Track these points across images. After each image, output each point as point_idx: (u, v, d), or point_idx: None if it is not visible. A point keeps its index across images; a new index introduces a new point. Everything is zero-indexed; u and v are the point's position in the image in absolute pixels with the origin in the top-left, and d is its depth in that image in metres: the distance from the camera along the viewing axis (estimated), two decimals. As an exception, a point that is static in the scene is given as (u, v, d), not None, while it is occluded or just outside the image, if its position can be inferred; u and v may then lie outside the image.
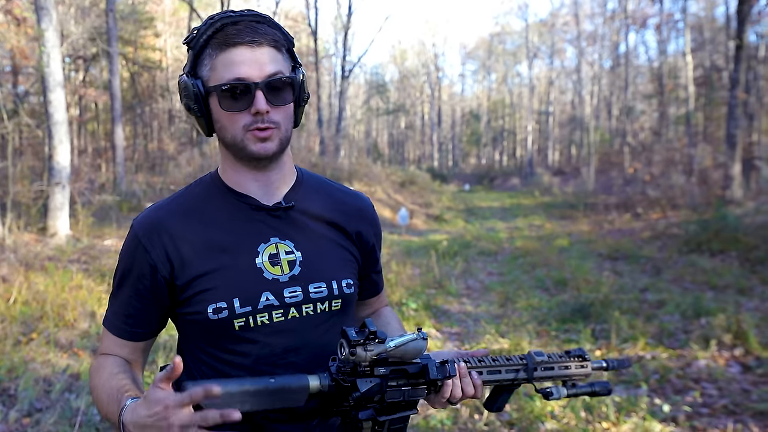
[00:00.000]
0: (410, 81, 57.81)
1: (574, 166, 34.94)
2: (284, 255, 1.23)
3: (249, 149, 1.18)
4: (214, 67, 1.16)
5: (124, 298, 1.25)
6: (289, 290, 1.21)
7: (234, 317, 1.18)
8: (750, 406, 3.81)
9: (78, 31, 17.04)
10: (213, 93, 1.16)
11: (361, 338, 1.10)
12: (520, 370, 1.29)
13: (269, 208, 1.25)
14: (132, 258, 1.23)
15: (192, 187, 1.30)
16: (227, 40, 1.13)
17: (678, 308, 6.05)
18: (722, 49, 23.83)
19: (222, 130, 1.20)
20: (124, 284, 1.25)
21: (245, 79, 1.13)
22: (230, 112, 1.16)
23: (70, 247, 8.40)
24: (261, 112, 1.14)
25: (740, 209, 10.94)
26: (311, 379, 1.10)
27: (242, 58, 1.13)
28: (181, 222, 1.23)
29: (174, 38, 32.65)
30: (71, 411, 3.73)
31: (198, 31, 1.16)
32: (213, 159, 18.13)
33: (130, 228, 1.25)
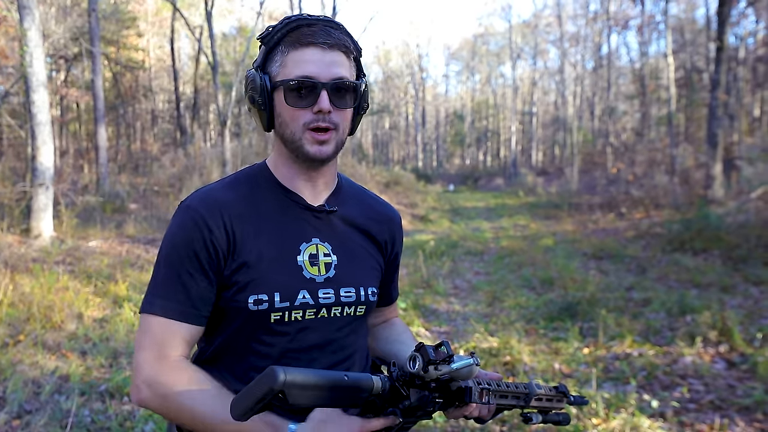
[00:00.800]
0: (394, 82, 57.88)
1: (557, 167, 35.17)
2: (323, 256, 1.27)
3: (305, 149, 1.21)
4: (284, 63, 1.20)
5: (184, 278, 1.19)
6: (323, 291, 1.25)
7: (272, 311, 1.20)
8: (735, 401, 3.88)
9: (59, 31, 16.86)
10: (279, 88, 1.20)
11: (438, 359, 1.12)
12: (521, 398, 1.35)
13: (315, 209, 1.29)
14: (191, 235, 1.19)
15: (241, 176, 1.31)
16: (301, 39, 1.19)
17: (663, 306, 6.13)
18: (703, 50, 24.15)
19: (283, 126, 1.23)
20: (183, 264, 1.19)
21: (313, 78, 1.17)
22: (294, 107, 1.19)
23: (55, 248, 8.32)
24: (323, 111, 1.18)
25: (722, 208, 11.09)
26: (375, 381, 1.11)
27: (313, 57, 1.18)
28: (238, 205, 1.24)
29: (157, 38, 32.42)
30: (61, 413, 3.71)
31: (273, 29, 1.21)
32: (197, 160, 18.01)
33: (182, 209, 1.23)
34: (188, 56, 37.14)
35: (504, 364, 4.66)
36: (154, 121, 32.76)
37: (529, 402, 1.36)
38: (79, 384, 4.14)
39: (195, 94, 27.69)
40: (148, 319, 1.19)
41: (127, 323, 5.49)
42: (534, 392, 1.37)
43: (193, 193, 1.26)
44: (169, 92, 33.06)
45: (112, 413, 3.75)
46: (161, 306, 1.19)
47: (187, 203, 1.23)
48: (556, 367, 4.58)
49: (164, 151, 22.69)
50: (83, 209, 11.42)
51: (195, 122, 27.54)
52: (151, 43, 31.57)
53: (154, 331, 1.18)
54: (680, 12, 29.45)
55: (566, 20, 38.31)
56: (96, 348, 4.92)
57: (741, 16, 21.39)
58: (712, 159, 13.38)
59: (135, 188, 16.55)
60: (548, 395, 1.43)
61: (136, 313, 5.78)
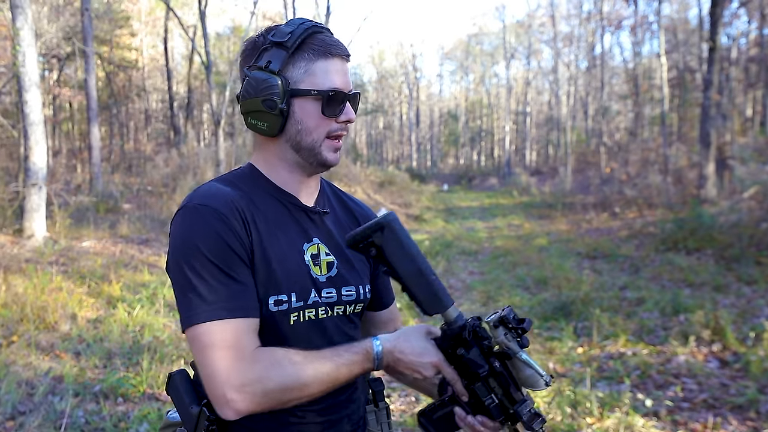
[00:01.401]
0: (388, 81, 57.89)
1: (551, 166, 35.25)
2: (324, 256, 1.28)
3: (324, 155, 1.24)
4: (312, 72, 1.21)
5: (225, 276, 1.13)
6: (326, 290, 1.26)
7: (291, 311, 1.21)
8: (728, 399, 3.90)
9: (52, 30, 16.79)
10: (307, 96, 1.20)
11: (514, 325, 1.15)
12: None
13: (310, 209, 1.30)
14: (217, 229, 1.14)
15: (232, 178, 1.28)
16: (329, 49, 1.22)
17: (657, 305, 6.16)
18: (695, 50, 24.24)
19: (303, 133, 1.23)
20: (220, 260, 1.13)
21: (341, 89, 1.21)
22: (327, 117, 1.22)
23: (48, 248, 8.29)
24: (351, 121, 1.25)
25: (715, 208, 11.13)
26: (453, 309, 1.19)
27: (338, 68, 1.23)
28: (249, 205, 1.22)
29: (150, 37, 32.32)
30: (55, 413, 3.69)
31: (292, 33, 1.20)
32: (190, 159, 17.96)
33: (193, 210, 1.16)
34: (182, 56, 37.07)
35: (498, 363, 4.66)
36: (147, 120, 32.67)
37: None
38: (73, 385, 4.13)
39: (189, 94, 27.60)
40: (202, 329, 1.10)
41: (121, 324, 5.47)
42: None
43: (195, 193, 1.20)
44: (162, 92, 32.97)
45: (106, 414, 3.74)
46: (216, 309, 1.11)
47: (197, 202, 1.17)
48: (551, 366, 4.60)
49: (158, 150, 22.62)
50: (76, 209, 11.37)
51: (189, 122, 27.46)
52: (144, 42, 31.47)
53: (218, 338, 1.10)
54: (673, 12, 29.56)
55: (560, 20, 38.43)
56: (90, 349, 4.90)
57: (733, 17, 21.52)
58: (705, 159, 13.43)
59: (128, 188, 16.50)
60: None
61: (130, 313, 5.76)
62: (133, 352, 4.83)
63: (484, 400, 1.18)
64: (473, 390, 1.19)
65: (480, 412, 1.20)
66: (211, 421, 1.19)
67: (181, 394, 1.24)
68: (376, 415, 1.42)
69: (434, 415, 1.26)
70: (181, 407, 1.24)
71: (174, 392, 1.26)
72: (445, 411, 1.24)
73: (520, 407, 1.16)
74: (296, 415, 1.23)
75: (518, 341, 1.16)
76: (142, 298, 6.31)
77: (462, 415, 1.22)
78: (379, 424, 1.42)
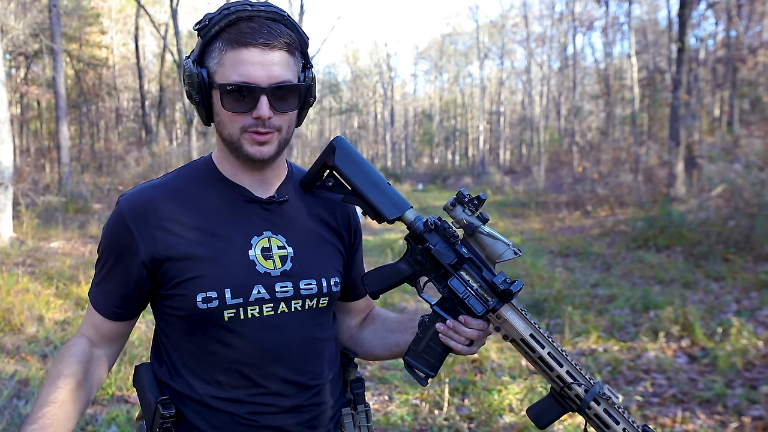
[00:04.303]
0: (363, 81, 57.84)
1: (524, 165, 35.54)
2: (276, 249, 1.22)
3: (245, 149, 1.17)
4: (222, 62, 1.13)
5: (107, 276, 1.24)
6: (280, 285, 1.21)
7: (224, 308, 1.16)
8: (697, 394, 3.96)
9: (19, 27, 16.44)
10: (217, 88, 1.14)
11: (467, 200, 1.18)
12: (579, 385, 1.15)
13: (263, 201, 1.24)
14: (116, 236, 1.20)
15: (185, 171, 1.27)
16: (240, 39, 1.11)
17: (628, 302, 6.24)
18: (665, 51, 24.62)
19: (220, 125, 1.19)
20: (107, 261, 1.23)
21: (252, 83, 1.11)
22: (232, 112, 1.14)
23: (15, 249, 8.12)
24: (263, 118, 1.13)
25: (684, 206, 11.31)
26: (411, 211, 1.24)
27: (252, 59, 1.11)
28: (173, 204, 1.19)
29: (121, 35, 31.85)
30: (20, 418, 3.61)
31: (210, 20, 1.13)
32: (162, 159, 17.76)
33: (116, 204, 1.22)
34: (153, 54, 36.60)
35: (472, 361, 4.68)
36: (118, 119, 32.20)
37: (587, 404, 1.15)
38: (39, 388, 4.04)
39: (160, 93, 27.28)
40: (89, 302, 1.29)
41: (89, 325, 5.37)
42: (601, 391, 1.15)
43: (130, 189, 1.25)
44: (133, 90, 32.52)
45: (73, 417, 3.66)
46: (93, 296, 1.27)
47: (119, 201, 1.22)
48: (524, 363, 4.62)
49: (129, 150, 22.30)
50: (45, 209, 11.17)
51: (161, 121, 27.13)
52: (115, 40, 31.00)
53: (87, 316, 1.29)
54: (643, 14, 30.01)
55: (532, 21, 38.78)
56: (57, 351, 4.80)
57: (701, 18, 21.90)
58: (675, 158, 13.65)
59: (99, 188, 16.26)
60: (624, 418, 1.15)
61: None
62: (101, 354, 4.74)
63: (461, 296, 1.18)
64: (450, 288, 1.19)
65: (461, 312, 1.20)
66: (165, 418, 1.19)
67: (144, 388, 1.25)
68: (353, 418, 1.36)
69: (419, 346, 1.24)
70: (142, 401, 1.26)
71: (138, 386, 1.28)
72: (429, 336, 1.23)
73: (494, 278, 1.17)
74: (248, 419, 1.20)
75: (477, 217, 1.19)
76: (111, 299, 6.20)
77: (444, 328, 1.20)
78: (357, 427, 1.36)
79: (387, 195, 1.24)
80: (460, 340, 1.20)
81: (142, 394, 1.26)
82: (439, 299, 1.23)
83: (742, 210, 8.95)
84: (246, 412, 1.20)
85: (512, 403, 3.83)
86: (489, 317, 1.19)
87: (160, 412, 1.19)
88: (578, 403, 1.15)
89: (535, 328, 1.17)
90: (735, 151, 12.55)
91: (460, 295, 1.18)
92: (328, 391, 1.30)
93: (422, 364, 1.24)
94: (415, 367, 1.25)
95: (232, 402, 1.20)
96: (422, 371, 1.24)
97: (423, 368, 1.24)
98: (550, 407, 1.19)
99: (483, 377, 4.32)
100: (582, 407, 1.14)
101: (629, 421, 1.14)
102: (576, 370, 1.16)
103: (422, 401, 3.95)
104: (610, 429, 1.14)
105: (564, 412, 1.18)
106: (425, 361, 1.24)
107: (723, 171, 10.42)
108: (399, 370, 4.54)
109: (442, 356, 1.23)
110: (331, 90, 49.07)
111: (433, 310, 1.23)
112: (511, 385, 4.12)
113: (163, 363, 1.26)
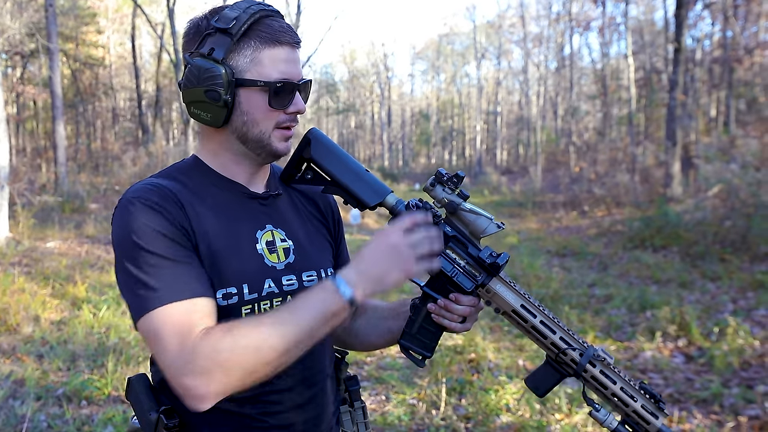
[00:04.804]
0: (360, 81, 57.81)
1: (521, 166, 35.57)
2: (280, 242, 1.23)
3: (274, 146, 1.19)
4: (259, 61, 1.14)
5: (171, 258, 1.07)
6: (286, 278, 1.21)
7: (243, 304, 1.15)
8: (693, 394, 3.96)
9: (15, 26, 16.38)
10: (253, 87, 1.14)
11: (447, 178, 1.18)
12: (574, 350, 1.16)
13: (260, 196, 1.25)
14: (151, 220, 1.08)
15: (173, 171, 1.23)
16: (277, 37, 1.15)
17: (624, 302, 6.24)
18: (661, 52, 24.69)
19: (250, 124, 1.17)
20: (156, 250, 1.06)
21: (291, 79, 1.16)
22: (274, 109, 1.16)
23: (11, 249, 8.09)
24: (301, 112, 1.19)
25: (680, 206, 11.33)
26: (392, 195, 1.24)
27: (287, 57, 1.16)
28: (189, 196, 1.16)
29: (117, 35, 31.81)
30: (16, 418, 3.60)
31: (237, 19, 1.13)
32: (159, 158, 17.72)
33: (127, 203, 1.10)
34: (150, 54, 36.54)
35: (469, 361, 4.68)
36: (115, 119, 32.13)
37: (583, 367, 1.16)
38: (35, 388, 4.03)
39: (157, 92, 27.25)
40: (150, 318, 1.03)
41: (86, 325, 5.36)
42: (595, 353, 1.16)
43: (130, 188, 1.15)
44: (130, 90, 32.46)
45: (69, 418, 3.65)
46: (159, 297, 1.04)
47: (130, 196, 1.11)
48: (521, 363, 4.62)
49: (125, 150, 22.25)
50: (41, 209, 11.14)
51: (157, 121, 27.09)
52: (111, 39, 30.95)
53: (167, 323, 1.02)
54: (640, 14, 30.06)
55: (529, 21, 38.80)
56: (53, 351, 4.79)
57: (698, 19, 21.96)
58: (671, 158, 13.68)
59: (95, 188, 16.23)
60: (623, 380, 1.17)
61: (96, 315, 5.65)
62: (98, 354, 4.73)
63: (449, 274, 1.19)
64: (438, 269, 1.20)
65: (451, 290, 1.20)
66: (169, 429, 1.15)
67: (140, 399, 1.20)
68: (351, 416, 1.38)
69: (412, 328, 1.25)
70: (139, 413, 1.20)
71: (133, 398, 1.22)
72: (421, 317, 1.23)
73: (480, 253, 1.17)
74: (258, 419, 1.18)
75: (458, 194, 1.20)
76: (108, 299, 6.19)
77: (436, 308, 1.21)
78: (355, 424, 1.38)
79: (366, 182, 1.24)
80: (452, 318, 1.21)
81: (139, 407, 1.20)
82: (428, 280, 1.24)
83: (739, 210, 8.97)
84: (257, 412, 1.18)
85: (509, 403, 3.83)
86: (479, 292, 1.20)
87: (163, 422, 1.14)
88: (574, 367, 1.16)
89: (525, 298, 1.18)
90: (731, 151, 12.57)
91: (448, 273, 1.19)
92: (329, 388, 1.30)
93: (418, 346, 1.25)
94: (410, 349, 1.25)
95: (244, 402, 1.16)
96: (418, 353, 1.25)
97: (419, 350, 1.25)
98: (548, 375, 1.21)
99: (480, 377, 4.32)
100: (578, 371, 1.16)
101: (625, 380, 1.17)
102: (569, 335, 1.18)
103: (419, 401, 3.95)
104: (608, 389, 1.16)
105: (562, 377, 1.20)
106: (420, 342, 1.24)
107: (719, 171, 10.44)
108: (396, 370, 4.53)
109: (436, 336, 1.24)
110: (328, 90, 49.06)
111: (423, 291, 1.23)
112: (508, 385, 4.11)
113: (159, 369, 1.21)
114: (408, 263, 1.09)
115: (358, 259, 1.10)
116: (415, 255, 1.10)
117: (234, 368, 1.00)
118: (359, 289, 1.06)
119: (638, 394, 1.17)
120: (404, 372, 4.50)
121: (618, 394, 1.16)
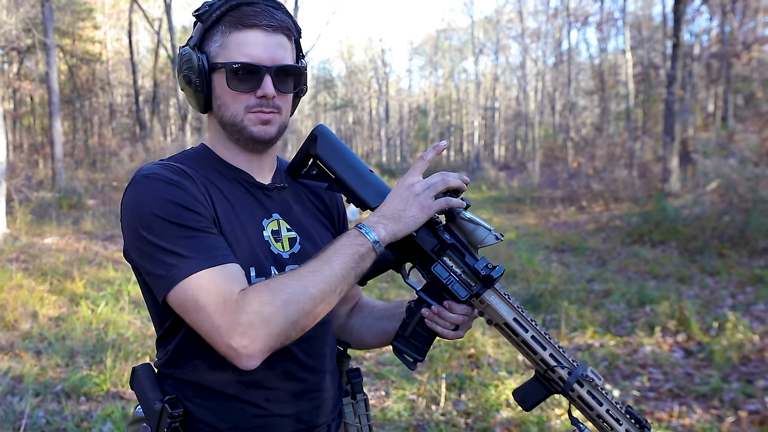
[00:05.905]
0: (358, 76, 57.70)
1: (519, 161, 35.52)
2: (285, 232, 1.25)
3: (249, 130, 1.19)
4: (225, 45, 1.16)
5: (196, 227, 1.08)
6: (290, 267, 1.21)
7: None
8: (693, 388, 3.96)
9: (11, 21, 16.32)
10: (220, 70, 1.16)
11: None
12: (563, 368, 1.16)
13: (266, 186, 1.26)
14: (169, 193, 1.09)
15: (181, 158, 1.24)
16: (243, 20, 1.15)
17: (623, 297, 6.24)
18: (659, 47, 24.66)
19: (222, 108, 1.19)
20: (178, 221, 1.07)
21: (257, 62, 1.15)
22: (236, 91, 1.16)
23: (8, 245, 8.07)
24: (267, 96, 1.16)
25: (678, 201, 11.33)
26: None
27: (256, 40, 1.16)
28: (201, 178, 1.18)
29: (114, 30, 31.70)
30: (14, 414, 3.59)
31: (211, 6, 1.16)
32: (156, 154, 17.69)
33: (143, 178, 1.12)
34: (147, 49, 36.40)
35: (468, 356, 4.68)
36: (112, 115, 32.04)
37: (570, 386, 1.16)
38: (34, 384, 4.02)
39: (154, 88, 27.18)
40: (188, 285, 1.03)
41: (84, 321, 5.35)
42: (583, 373, 1.16)
43: (141, 168, 1.16)
44: (127, 86, 32.37)
45: (68, 414, 3.64)
46: (195, 262, 1.04)
47: (145, 173, 1.13)
48: (520, 359, 4.62)
49: (123, 145, 22.21)
50: (38, 205, 11.11)
51: (155, 116, 27.03)
52: (108, 35, 30.85)
53: (208, 288, 1.02)
54: (638, 9, 30.03)
55: (527, 16, 38.70)
56: (51, 347, 4.78)
57: (696, 14, 21.92)
58: (669, 153, 13.67)
59: (93, 184, 16.20)
60: (608, 402, 1.17)
61: (94, 311, 5.63)
62: (96, 350, 4.72)
63: (445, 282, 1.19)
64: (434, 274, 1.20)
65: (446, 298, 1.21)
66: (174, 417, 1.16)
67: (144, 389, 1.22)
68: (353, 407, 1.40)
69: (405, 331, 1.26)
70: (144, 403, 1.22)
71: (138, 387, 1.24)
72: (415, 321, 1.24)
73: (476, 264, 1.18)
74: (261, 407, 1.19)
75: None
76: (106, 295, 6.18)
77: (430, 314, 1.22)
78: (357, 416, 1.40)
79: (370, 183, 1.25)
80: (445, 325, 1.22)
81: (143, 396, 1.21)
82: (424, 285, 1.25)
83: (737, 205, 8.98)
84: (261, 397, 1.19)
85: (509, 399, 3.83)
86: (473, 302, 1.21)
87: (168, 411, 1.16)
88: (562, 386, 1.17)
89: (518, 312, 1.18)
90: (729, 146, 12.58)
91: (443, 280, 1.20)
92: (330, 378, 1.31)
93: (410, 349, 1.26)
94: (403, 351, 1.26)
95: (248, 386, 1.17)
96: (410, 356, 1.26)
97: (411, 353, 1.26)
98: (535, 390, 1.21)
99: (480, 372, 4.32)
100: (565, 389, 1.16)
101: (612, 403, 1.16)
102: (559, 353, 1.18)
103: (419, 396, 3.94)
104: (594, 410, 1.16)
105: (549, 394, 1.20)
106: (412, 345, 1.26)
107: (718, 166, 10.44)
108: (396, 365, 4.53)
109: (428, 341, 1.25)
110: (326, 85, 48.99)
111: (419, 295, 1.25)
112: (508, 380, 4.11)
113: (168, 351, 1.21)
114: (425, 199, 1.14)
115: (380, 206, 1.17)
116: (431, 192, 1.14)
117: (279, 321, 1.02)
118: (381, 229, 1.11)
119: (624, 418, 1.16)
120: (404, 368, 4.49)
121: (603, 417, 1.16)
